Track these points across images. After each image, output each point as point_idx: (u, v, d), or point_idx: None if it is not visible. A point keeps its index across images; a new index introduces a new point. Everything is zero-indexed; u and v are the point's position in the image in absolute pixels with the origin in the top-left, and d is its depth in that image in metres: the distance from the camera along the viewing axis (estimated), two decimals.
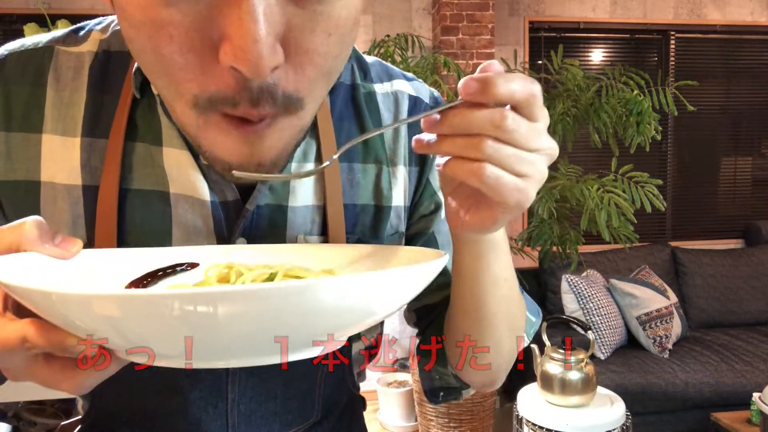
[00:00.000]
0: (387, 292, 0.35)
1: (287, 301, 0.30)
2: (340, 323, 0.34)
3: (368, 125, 0.57)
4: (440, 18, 3.10)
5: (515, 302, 0.56)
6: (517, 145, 0.37)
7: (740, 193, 3.78)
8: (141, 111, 0.51)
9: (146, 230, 0.50)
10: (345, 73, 0.58)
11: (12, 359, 0.36)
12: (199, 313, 0.30)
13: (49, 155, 0.49)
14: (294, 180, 0.53)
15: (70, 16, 2.49)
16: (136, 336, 0.32)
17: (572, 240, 2.45)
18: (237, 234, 0.52)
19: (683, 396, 2.59)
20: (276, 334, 0.32)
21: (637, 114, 2.35)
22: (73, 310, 0.31)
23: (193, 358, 0.34)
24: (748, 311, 3.29)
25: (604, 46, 3.57)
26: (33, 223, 0.38)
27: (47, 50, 0.52)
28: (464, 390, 0.65)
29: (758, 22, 3.66)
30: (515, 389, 2.14)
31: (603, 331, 2.79)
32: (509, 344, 0.57)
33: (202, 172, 0.51)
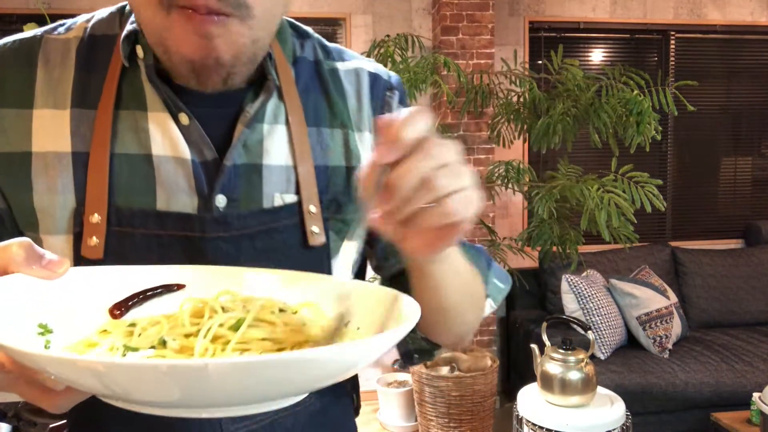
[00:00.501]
0: (363, 358, 0.36)
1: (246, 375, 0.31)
2: (312, 384, 0.37)
3: (333, 96, 0.62)
4: (440, 18, 3.10)
5: (473, 282, 0.62)
6: (450, 168, 0.41)
7: (740, 193, 3.78)
8: (127, 81, 0.56)
9: (132, 191, 0.54)
10: (308, 51, 0.64)
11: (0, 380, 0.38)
12: (166, 383, 0.30)
13: (41, 128, 0.54)
14: (267, 140, 0.58)
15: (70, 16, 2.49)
16: (96, 389, 0.34)
17: (572, 240, 2.45)
18: (216, 191, 0.55)
19: (683, 396, 2.59)
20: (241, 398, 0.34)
21: (637, 114, 2.35)
22: (36, 365, 0.33)
23: (164, 409, 0.36)
24: (748, 311, 3.29)
25: (604, 46, 3.57)
26: (20, 245, 0.40)
27: (36, 39, 0.57)
28: (435, 350, 0.69)
29: (758, 22, 3.66)
30: (515, 389, 2.14)
31: (603, 331, 2.79)
32: (472, 314, 0.64)
33: (183, 134, 0.55)
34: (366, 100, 0.64)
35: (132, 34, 0.55)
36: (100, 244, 0.52)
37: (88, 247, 0.52)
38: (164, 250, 0.54)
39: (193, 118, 0.55)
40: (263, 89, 0.57)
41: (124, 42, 0.55)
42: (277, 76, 0.58)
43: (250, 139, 0.57)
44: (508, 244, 2.77)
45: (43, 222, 0.54)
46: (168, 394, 0.32)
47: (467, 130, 3.12)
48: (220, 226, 0.55)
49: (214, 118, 0.57)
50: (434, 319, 0.60)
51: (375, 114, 0.64)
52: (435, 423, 2.74)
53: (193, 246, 0.54)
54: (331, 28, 3.31)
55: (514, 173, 2.61)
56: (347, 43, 3.27)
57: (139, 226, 0.54)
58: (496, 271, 0.70)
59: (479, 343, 3.20)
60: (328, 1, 3.25)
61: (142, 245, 0.54)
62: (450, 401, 2.67)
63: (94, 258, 0.52)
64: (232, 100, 0.57)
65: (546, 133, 2.47)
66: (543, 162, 3.53)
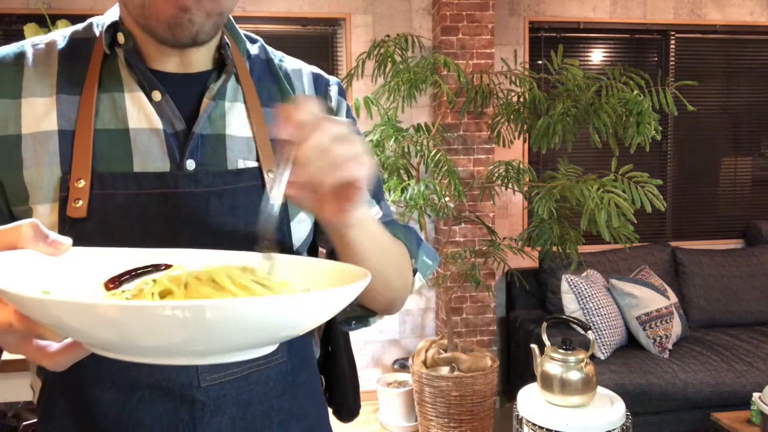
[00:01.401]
0: (315, 311, 0.42)
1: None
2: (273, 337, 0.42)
3: (283, 85, 0.74)
4: (440, 18, 3.10)
5: (396, 253, 0.71)
6: (342, 138, 0.49)
7: (740, 193, 3.78)
8: (106, 69, 0.65)
9: (112, 159, 0.62)
10: (260, 52, 0.75)
11: (4, 338, 0.44)
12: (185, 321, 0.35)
13: (29, 113, 0.62)
14: (228, 115, 0.68)
15: (70, 16, 2.50)
16: (91, 337, 0.39)
17: (572, 240, 2.45)
18: (186, 156, 0.64)
19: (683, 396, 2.59)
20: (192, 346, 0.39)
21: (637, 114, 2.35)
22: (38, 314, 0.39)
23: (148, 356, 0.41)
24: (748, 311, 3.29)
25: (604, 46, 3.57)
26: (29, 225, 0.45)
27: (23, 47, 0.66)
28: (371, 318, 0.77)
29: (758, 22, 3.66)
30: (515, 389, 2.14)
31: (603, 331, 2.79)
32: (398, 282, 0.72)
33: (155, 108, 0.64)
34: (310, 89, 0.76)
35: (113, 26, 0.65)
36: (83, 206, 0.60)
37: (73, 208, 0.60)
38: (141, 209, 0.61)
39: (165, 94, 0.64)
40: (224, 71, 0.68)
41: (106, 32, 0.64)
42: (234, 64, 0.69)
43: (214, 113, 0.67)
44: (508, 244, 2.77)
45: (32, 194, 0.61)
46: (170, 332, 0.36)
47: (467, 130, 3.12)
48: (190, 182, 0.63)
49: (183, 95, 0.66)
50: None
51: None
52: (435, 423, 2.74)
53: (167, 202, 0.62)
54: (331, 28, 3.31)
55: (514, 173, 2.61)
56: (347, 43, 3.27)
57: (120, 187, 0.61)
58: (426, 249, 0.79)
59: (479, 343, 3.20)
60: (328, 1, 3.25)
61: (122, 204, 0.61)
62: (450, 401, 2.67)
63: (78, 217, 0.60)
64: (198, 80, 0.67)
65: (546, 133, 2.47)
66: (543, 162, 3.54)
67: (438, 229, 3.23)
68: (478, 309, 3.20)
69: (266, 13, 3.20)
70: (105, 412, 0.62)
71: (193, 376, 0.63)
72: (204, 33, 0.61)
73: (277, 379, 0.68)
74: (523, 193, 2.73)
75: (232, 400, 0.65)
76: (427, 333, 3.45)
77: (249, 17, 3.16)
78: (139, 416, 0.62)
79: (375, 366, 3.40)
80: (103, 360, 0.60)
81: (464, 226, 3.14)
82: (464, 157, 3.13)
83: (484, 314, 3.21)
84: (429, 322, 3.45)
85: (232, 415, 0.65)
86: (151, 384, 0.62)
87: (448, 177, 2.47)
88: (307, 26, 3.28)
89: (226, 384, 0.64)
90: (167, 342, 0.38)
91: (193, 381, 0.63)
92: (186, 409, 0.63)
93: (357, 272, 0.52)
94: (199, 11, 0.59)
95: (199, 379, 0.63)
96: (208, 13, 0.60)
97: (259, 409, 0.67)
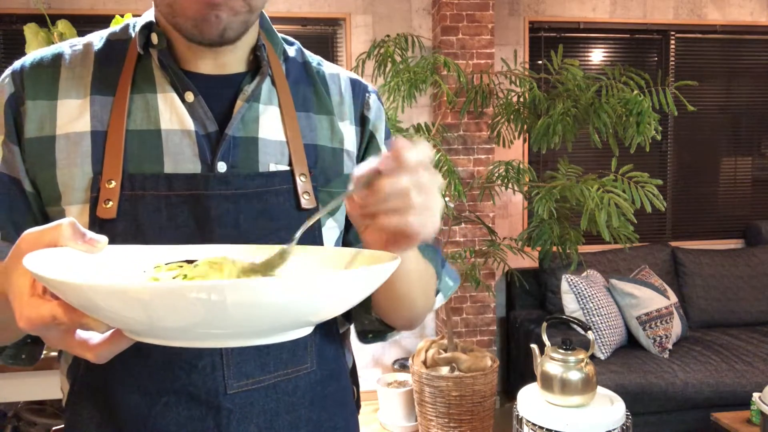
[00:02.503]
0: (343, 292, 0.43)
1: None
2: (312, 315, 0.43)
3: (319, 89, 0.73)
4: (440, 18, 3.10)
5: (425, 279, 0.71)
6: (427, 192, 0.49)
7: (740, 193, 3.78)
8: (140, 69, 0.65)
9: (143, 160, 0.62)
10: (297, 55, 0.75)
11: (48, 332, 0.45)
12: (208, 301, 0.37)
13: (65, 114, 0.63)
14: (262, 117, 0.67)
15: (70, 16, 2.49)
16: (130, 320, 0.41)
17: (572, 240, 2.45)
18: (218, 158, 0.64)
19: (683, 396, 2.59)
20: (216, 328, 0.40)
21: (637, 114, 2.35)
22: (80, 298, 0.40)
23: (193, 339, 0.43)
24: (748, 311, 3.29)
25: (604, 46, 3.57)
26: (68, 224, 0.47)
27: (60, 49, 0.67)
28: (388, 333, 0.77)
29: (758, 22, 3.66)
30: (515, 389, 2.14)
31: (603, 331, 2.79)
32: (422, 303, 0.71)
33: (188, 109, 0.64)
34: (348, 96, 0.74)
35: (147, 26, 0.65)
36: (113, 206, 0.60)
37: (104, 209, 0.60)
38: (171, 209, 0.61)
39: (198, 95, 0.64)
40: (258, 73, 0.67)
41: (140, 32, 0.64)
42: (270, 66, 0.68)
43: (248, 115, 0.66)
44: (508, 244, 2.77)
45: (65, 194, 0.62)
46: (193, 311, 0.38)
47: (467, 130, 3.12)
48: (221, 185, 0.63)
49: (216, 97, 0.65)
50: (387, 304, 0.69)
51: (356, 109, 0.75)
52: (435, 423, 2.74)
53: (197, 203, 0.62)
54: (331, 28, 3.31)
55: (514, 173, 2.61)
56: (347, 43, 3.27)
57: (150, 188, 0.61)
58: (449, 271, 0.80)
59: (479, 343, 3.20)
60: (328, 1, 3.25)
61: (152, 205, 0.61)
62: (450, 401, 2.67)
63: (108, 218, 0.60)
64: (232, 82, 0.67)
65: (546, 133, 2.47)
66: (543, 162, 3.53)
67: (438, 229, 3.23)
68: (478, 309, 3.20)
69: (266, 12, 3.20)
70: (130, 416, 0.62)
71: (220, 383, 0.62)
72: (232, 30, 0.61)
73: (305, 389, 0.67)
74: (523, 193, 2.73)
75: (259, 409, 0.64)
76: (427, 333, 3.45)
77: None
78: (164, 422, 0.62)
79: (375, 366, 3.40)
80: (130, 363, 0.62)
81: (464, 226, 3.14)
82: (464, 157, 3.13)
83: (484, 314, 3.21)
84: (429, 322, 3.46)
85: (258, 425, 0.64)
86: (177, 389, 0.61)
87: (449, 177, 2.47)
88: (307, 26, 3.29)
89: (254, 392, 0.64)
90: (194, 321, 0.39)
91: (219, 387, 0.62)
92: (212, 416, 0.62)
93: (384, 256, 0.52)
94: (226, 7, 0.58)
95: (226, 386, 0.62)
96: (236, 11, 0.59)
97: (286, 419, 0.66)
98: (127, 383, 0.62)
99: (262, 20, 0.71)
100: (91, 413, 0.64)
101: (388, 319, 0.72)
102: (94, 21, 3.00)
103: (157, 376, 0.61)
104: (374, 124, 0.75)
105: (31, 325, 0.44)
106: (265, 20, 0.71)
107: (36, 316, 0.43)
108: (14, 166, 0.63)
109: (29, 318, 0.44)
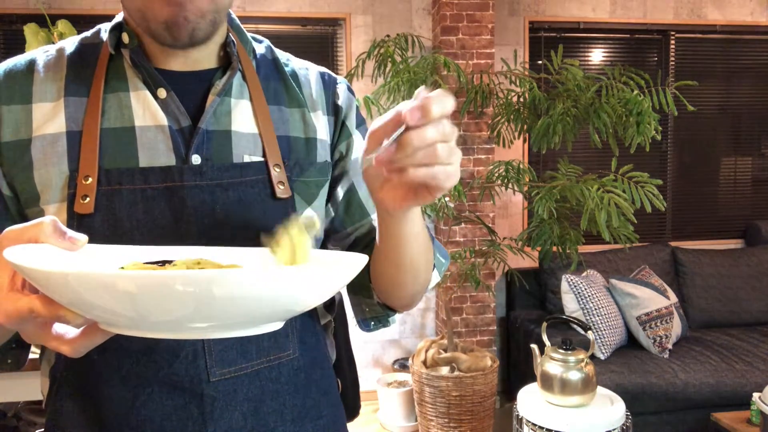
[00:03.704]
0: (316, 285, 0.45)
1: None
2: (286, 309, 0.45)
3: (289, 83, 0.74)
4: (440, 18, 3.10)
5: (427, 246, 0.70)
6: (450, 143, 0.50)
7: (740, 193, 3.78)
8: (112, 70, 0.66)
9: (118, 156, 0.63)
10: (267, 52, 0.76)
11: (25, 325, 0.47)
12: (196, 292, 0.38)
13: (40, 117, 0.64)
14: (234, 111, 0.68)
15: (70, 16, 2.49)
16: (108, 310, 0.41)
17: (572, 240, 2.45)
18: (192, 151, 0.65)
19: (683, 396, 2.59)
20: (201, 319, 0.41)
21: (637, 114, 2.35)
22: (61, 288, 0.41)
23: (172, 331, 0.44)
24: (748, 311, 3.29)
25: (604, 46, 3.57)
26: (50, 222, 0.48)
27: (35, 54, 0.69)
28: (390, 316, 0.79)
29: (758, 22, 3.66)
30: (515, 389, 2.14)
31: (603, 331, 2.79)
32: (424, 276, 0.72)
33: (160, 106, 0.65)
34: (317, 87, 0.76)
35: (117, 27, 0.66)
36: (90, 201, 0.61)
37: (81, 204, 0.61)
38: (148, 202, 0.62)
39: (171, 91, 0.65)
40: (229, 68, 0.69)
41: (111, 33, 0.66)
42: (240, 61, 0.70)
43: (220, 109, 0.67)
44: (508, 244, 2.77)
45: (43, 194, 0.63)
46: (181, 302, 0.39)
47: (467, 130, 3.12)
48: (196, 176, 0.64)
49: (188, 92, 0.67)
50: (391, 276, 0.69)
51: (327, 100, 0.76)
52: (435, 423, 2.74)
53: (173, 195, 0.63)
54: (331, 28, 3.31)
55: (514, 173, 2.61)
56: (347, 43, 3.27)
57: (126, 183, 0.62)
58: (438, 247, 0.80)
59: (479, 343, 3.20)
60: (328, 1, 3.25)
61: (129, 199, 0.62)
62: (450, 401, 2.67)
63: (85, 213, 0.61)
64: (204, 77, 0.68)
65: (546, 133, 2.46)
66: (543, 162, 3.54)
67: (438, 229, 3.23)
68: (478, 309, 3.20)
69: (266, 13, 3.20)
70: (114, 409, 0.62)
71: (202, 371, 0.62)
72: (201, 30, 0.63)
73: (288, 375, 0.68)
74: (523, 193, 2.73)
75: (243, 396, 0.65)
76: (427, 333, 3.45)
77: (249, 17, 3.16)
78: (148, 413, 0.62)
79: (375, 366, 3.40)
80: (111, 356, 0.62)
81: (464, 226, 3.14)
82: (464, 157, 3.13)
83: (484, 314, 3.21)
84: (429, 322, 3.45)
85: (243, 412, 0.65)
86: (159, 379, 0.62)
87: None
88: (307, 26, 3.28)
89: (237, 379, 0.64)
90: (178, 312, 0.40)
91: (202, 375, 0.62)
92: (195, 404, 0.62)
93: (355, 257, 0.54)
94: (193, 8, 0.60)
95: (209, 374, 0.63)
96: (203, 12, 0.61)
97: (271, 405, 0.67)
98: (109, 377, 0.62)
99: (231, 20, 0.72)
100: (73, 409, 0.64)
101: (391, 297, 0.73)
102: (94, 21, 2.99)
103: (138, 367, 0.62)
104: (345, 113, 0.77)
105: (8, 319, 0.45)
106: (234, 20, 0.73)
107: (13, 309, 0.45)
108: None
109: (6, 311, 0.45)
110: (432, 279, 0.77)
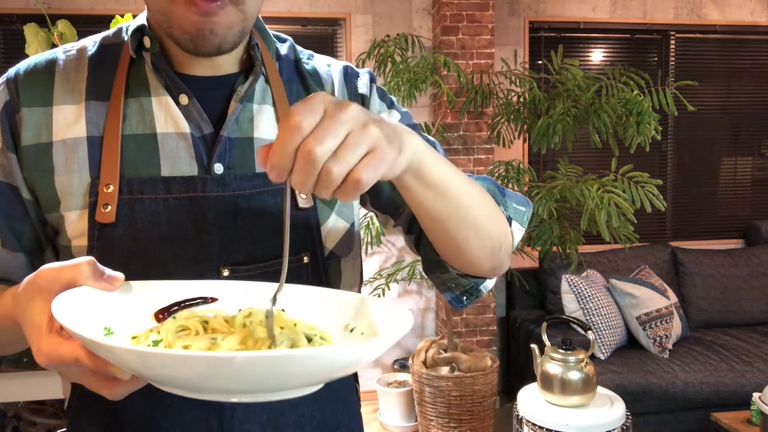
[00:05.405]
0: (366, 357, 0.43)
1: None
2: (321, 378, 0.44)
3: (311, 87, 0.72)
4: (440, 18, 3.10)
5: (471, 191, 0.59)
6: (331, 136, 0.42)
7: (740, 193, 3.78)
8: (133, 74, 0.65)
9: (140, 163, 0.62)
10: (289, 52, 0.74)
11: (67, 370, 0.47)
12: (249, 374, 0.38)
13: (61, 120, 0.63)
14: (256, 117, 0.67)
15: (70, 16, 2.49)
16: (157, 378, 0.42)
17: (572, 240, 2.45)
18: (214, 160, 0.64)
19: (683, 396, 2.59)
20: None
21: (637, 114, 2.35)
22: (109, 356, 0.41)
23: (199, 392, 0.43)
24: (748, 311, 3.28)
25: (604, 46, 3.57)
26: (87, 263, 0.48)
27: (55, 55, 0.67)
28: (481, 284, 0.70)
29: (758, 22, 3.66)
30: (515, 389, 2.14)
31: (603, 331, 2.79)
32: (490, 227, 0.62)
33: (182, 112, 0.64)
34: (340, 83, 0.74)
35: (139, 30, 0.64)
36: (112, 210, 0.60)
37: (102, 213, 0.60)
38: (170, 212, 0.61)
39: (192, 98, 0.64)
40: (252, 72, 0.67)
41: (132, 36, 0.64)
42: (263, 64, 0.68)
43: (242, 116, 0.66)
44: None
45: (63, 200, 0.62)
46: (205, 377, 0.39)
47: (467, 130, 3.12)
48: (218, 186, 0.63)
49: (210, 98, 0.65)
50: (448, 239, 0.60)
51: (349, 93, 0.74)
52: (435, 423, 2.74)
53: (195, 206, 0.62)
54: (331, 28, 3.31)
55: (514, 173, 2.61)
56: (347, 43, 3.27)
57: (148, 192, 0.61)
58: (513, 197, 0.70)
59: (479, 343, 3.20)
60: (328, 2, 3.25)
61: (151, 209, 0.61)
62: (450, 401, 2.67)
63: (107, 222, 0.60)
64: (226, 82, 0.67)
65: (546, 133, 2.46)
66: (543, 162, 3.53)
67: None
68: (478, 309, 3.20)
69: (266, 13, 3.20)
70: (133, 420, 0.62)
71: None
72: (228, 43, 0.61)
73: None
74: (523, 193, 2.73)
75: (262, 408, 0.64)
76: (427, 333, 3.45)
77: None
78: (168, 424, 0.62)
79: (375, 366, 3.40)
80: None
81: None
82: (464, 157, 3.13)
83: (484, 314, 3.21)
84: (429, 322, 3.45)
85: (262, 423, 0.64)
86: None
87: None
88: (307, 26, 3.28)
89: None
90: (215, 384, 0.40)
91: None
92: (215, 416, 0.62)
93: (356, 299, 0.53)
94: (221, 20, 0.58)
95: None
96: (232, 24, 0.59)
97: (290, 417, 0.66)
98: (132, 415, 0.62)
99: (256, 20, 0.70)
100: (94, 418, 0.64)
101: (463, 262, 0.65)
102: (94, 21, 3.00)
103: (161, 412, 0.62)
104: (369, 100, 0.75)
105: (50, 363, 0.45)
106: (258, 19, 0.70)
107: (56, 356, 0.44)
108: (12, 174, 0.63)
109: (48, 355, 0.45)
110: (513, 231, 0.68)
